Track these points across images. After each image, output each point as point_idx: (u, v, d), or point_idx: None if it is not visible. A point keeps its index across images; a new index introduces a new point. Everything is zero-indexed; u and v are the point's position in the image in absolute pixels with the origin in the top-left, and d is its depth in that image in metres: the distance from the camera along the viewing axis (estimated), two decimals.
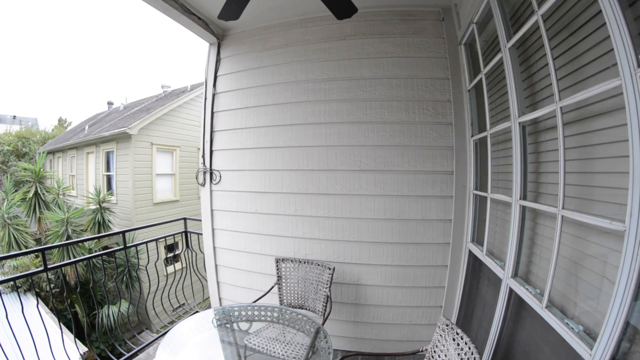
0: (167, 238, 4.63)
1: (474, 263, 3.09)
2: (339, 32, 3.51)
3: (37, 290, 8.11)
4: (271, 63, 3.74)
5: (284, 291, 3.52)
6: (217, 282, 4.19)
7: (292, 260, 3.50)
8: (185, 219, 5.12)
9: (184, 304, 5.29)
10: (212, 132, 4.05)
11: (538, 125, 2.17)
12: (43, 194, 11.41)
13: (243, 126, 3.84)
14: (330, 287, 3.26)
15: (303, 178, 3.55)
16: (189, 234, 5.07)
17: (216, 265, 4.16)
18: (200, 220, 4.31)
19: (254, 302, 3.30)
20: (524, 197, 2.18)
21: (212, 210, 4.09)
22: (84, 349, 6.18)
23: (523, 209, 2.20)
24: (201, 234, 4.32)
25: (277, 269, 3.52)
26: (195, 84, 15.17)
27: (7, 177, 12.41)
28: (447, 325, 2.09)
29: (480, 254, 2.82)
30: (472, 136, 3.12)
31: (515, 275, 2.24)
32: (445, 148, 3.23)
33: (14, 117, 38.85)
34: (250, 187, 3.81)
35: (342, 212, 3.43)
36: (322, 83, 3.51)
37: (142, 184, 11.98)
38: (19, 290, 4.80)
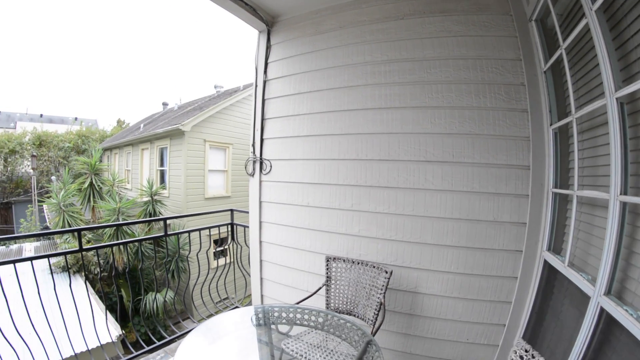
0: (213, 229, 4.59)
1: (549, 276, 2.61)
2: (395, 12, 3.18)
3: (86, 272, 8.57)
4: (325, 46, 3.48)
5: (332, 294, 3.24)
6: (261, 279, 3.99)
7: (344, 260, 3.20)
8: (232, 210, 5.03)
9: (226, 298, 5.24)
10: (263, 119, 3.87)
11: (637, 103, 1.71)
12: (98, 185, 12.09)
13: (296, 113, 3.60)
14: (385, 293, 2.93)
15: (361, 169, 3.22)
16: (235, 226, 4.97)
17: (261, 261, 3.96)
18: (247, 212, 4.15)
19: (298, 303, 3.08)
20: (624, 191, 1.71)
21: (260, 202, 3.90)
22: (119, 331, 6.45)
23: (623, 207, 1.72)
24: (248, 227, 4.16)
25: (327, 269, 3.25)
26: (248, 84, 15.43)
27: (65, 169, 13.11)
28: (526, 352, 1.72)
29: (560, 265, 2.32)
30: (550, 125, 2.64)
31: (608, 292, 1.76)
32: (521, 138, 2.77)
33: (76, 118, 41.49)
34: (303, 177, 3.56)
35: (403, 208, 3.06)
36: (381, 65, 3.18)
37: (194, 179, 12.43)
38: (69, 270, 4.87)
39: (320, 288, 3.20)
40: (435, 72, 2.98)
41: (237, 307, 4.82)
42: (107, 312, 6.34)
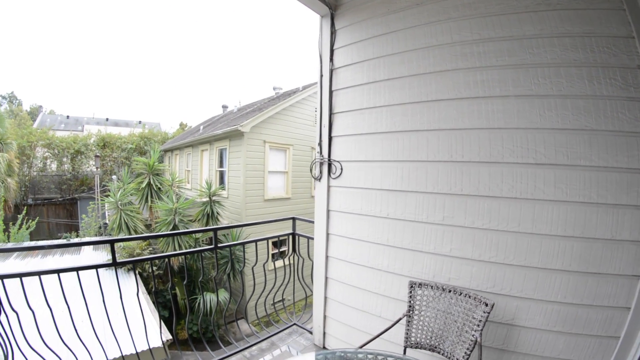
0: (271, 239, 4.20)
1: None
2: None
3: (139, 270, 9.18)
4: (401, 26, 2.99)
5: (414, 326, 2.73)
6: (325, 298, 3.60)
7: (432, 287, 2.69)
8: (294, 218, 4.69)
9: (282, 300, 5.00)
10: (331, 114, 3.45)
11: None
12: (156, 185, 12.35)
13: (371, 105, 3.14)
14: (482, 329, 2.39)
15: (456, 173, 2.69)
16: (297, 236, 4.61)
17: (326, 278, 3.57)
18: (311, 222, 3.79)
19: (376, 336, 2.60)
20: None
21: (328, 211, 3.50)
22: (167, 336, 6.38)
23: None
24: (312, 238, 3.81)
25: (411, 297, 2.75)
26: (307, 84, 15.65)
27: (125, 169, 13.98)
28: None
29: None
30: None
31: None
32: None
33: (139, 121, 43.80)
34: (381, 183, 3.07)
35: (507, 223, 2.50)
36: (472, 45, 2.65)
37: (253, 180, 12.62)
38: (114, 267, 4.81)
39: (400, 319, 2.73)
40: (539, 52, 2.43)
41: (294, 324, 4.50)
42: (157, 313, 6.46)
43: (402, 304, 2.88)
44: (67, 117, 44.82)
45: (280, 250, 12.71)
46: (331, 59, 3.42)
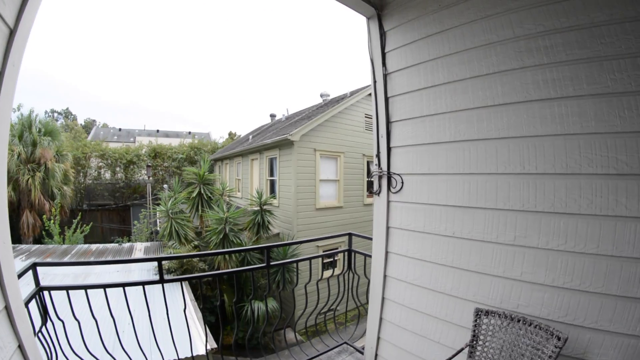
0: (325, 256, 4.04)
1: None
2: None
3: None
4: (456, 23, 2.75)
5: (477, 357, 2.52)
6: (380, 319, 3.40)
7: (499, 316, 2.46)
8: (350, 234, 4.51)
9: (332, 310, 4.76)
10: (388, 123, 3.25)
11: None
12: (206, 194, 12.65)
13: (432, 112, 2.92)
14: None
15: (529, 187, 2.42)
16: (353, 253, 4.42)
17: (383, 298, 3.38)
18: (369, 239, 3.61)
19: None
20: None
21: (387, 228, 3.30)
22: (212, 345, 6.39)
23: None
24: (369, 256, 3.63)
25: (475, 325, 2.54)
26: (354, 89, 15.60)
27: (175, 178, 14.48)
28: None
29: None
30: None
31: None
32: None
33: (189, 132, 47.32)
34: (446, 198, 2.85)
35: (585, 244, 2.20)
36: (538, 39, 2.37)
37: (304, 189, 12.65)
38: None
39: (462, 349, 2.54)
40: (611, 42, 2.12)
41: (345, 342, 4.34)
42: (203, 320, 6.73)
43: (464, 331, 2.67)
44: (120, 129, 48.30)
45: (330, 260, 12.70)
46: (384, 63, 3.25)
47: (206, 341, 4.57)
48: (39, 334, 2.88)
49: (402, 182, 3.15)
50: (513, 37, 2.46)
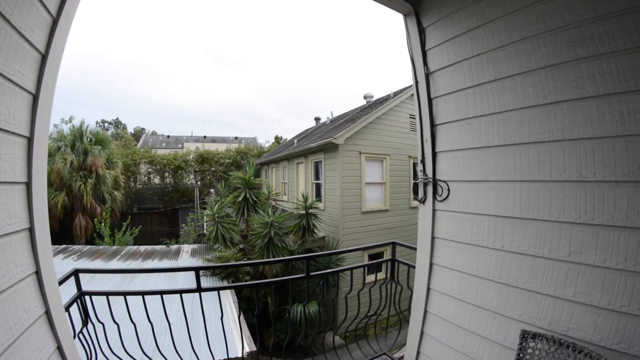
0: (368, 266, 3.95)
1: None
2: None
3: (233, 279, 9.96)
4: (499, 13, 2.49)
5: None
6: (421, 332, 3.23)
7: (547, 340, 2.20)
8: (394, 243, 4.34)
9: (375, 314, 4.62)
10: (432, 126, 3.06)
11: None
12: (252, 199, 12.88)
13: (479, 113, 2.69)
14: None
15: (587, 196, 2.12)
16: (397, 263, 4.29)
17: (425, 312, 3.20)
18: (413, 249, 3.45)
19: None
20: None
21: (433, 238, 3.11)
22: (252, 348, 6.50)
23: None
24: (413, 267, 3.47)
25: (521, 349, 2.30)
26: (397, 90, 15.55)
27: (222, 183, 14.82)
28: None
29: None
30: None
31: None
32: None
33: (236, 137, 49.29)
34: (495, 208, 2.61)
35: None
36: (591, 26, 2.06)
37: (350, 192, 12.66)
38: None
39: None
40: None
41: (384, 353, 4.21)
42: (245, 324, 6.90)
43: (508, 352, 2.46)
44: (168, 136, 51.00)
45: (374, 262, 12.56)
46: (425, 62, 3.05)
47: (243, 345, 4.62)
48: (79, 335, 3.14)
49: (449, 190, 2.96)
50: (562, 26, 2.18)
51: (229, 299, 8.32)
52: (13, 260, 1.88)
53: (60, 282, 2.65)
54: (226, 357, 4.28)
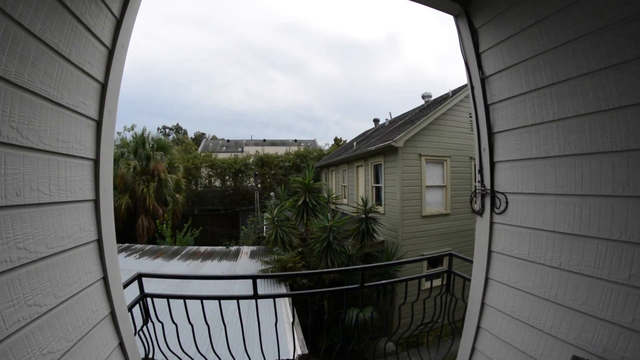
0: (424, 279, 3.95)
1: None
2: None
3: (290, 282, 10.15)
4: (552, 9, 2.29)
5: None
6: (472, 348, 3.13)
7: None
8: (451, 255, 4.28)
9: (430, 322, 4.52)
10: (490, 134, 2.94)
11: None
12: (312, 202, 13.30)
13: (537, 120, 2.53)
14: None
15: None
16: (453, 275, 4.18)
17: (478, 327, 3.09)
18: (469, 262, 3.37)
19: None
20: None
21: (489, 252, 2.99)
22: (304, 350, 6.60)
23: None
24: (468, 279, 3.40)
25: None
26: (456, 89, 15.28)
27: (281, 187, 15.62)
28: None
29: None
30: None
31: None
32: None
33: (295, 140, 51.09)
34: (554, 223, 2.44)
35: None
36: None
37: (410, 196, 12.58)
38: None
39: None
40: None
41: None
42: (299, 327, 7.14)
43: None
44: (228, 140, 53.23)
45: (432, 271, 12.29)
46: (479, 66, 2.93)
47: (295, 347, 4.73)
48: (140, 333, 3.57)
49: (507, 202, 2.82)
50: (622, 19, 1.96)
51: (284, 302, 8.43)
52: (83, 268, 2.12)
53: (125, 286, 2.96)
54: (277, 359, 4.34)
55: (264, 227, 17.44)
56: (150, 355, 3.76)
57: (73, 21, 1.89)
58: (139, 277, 3.54)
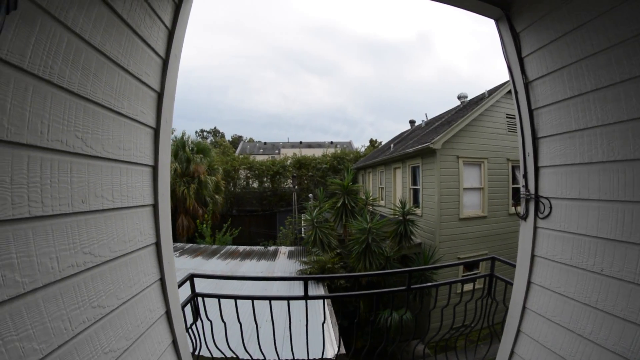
0: (465, 282, 3.95)
1: None
2: None
3: (328, 283, 10.40)
4: (594, 14, 2.24)
5: None
6: (511, 352, 3.09)
7: None
8: (494, 259, 4.26)
9: (465, 327, 4.60)
10: (534, 139, 2.91)
11: None
12: (350, 204, 13.34)
13: (581, 126, 2.50)
14: None
15: None
16: (495, 279, 4.17)
17: (518, 331, 3.06)
18: (512, 265, 3.36)
19: None
20: None
21: (533, 256, 2.95)
22: (341, 350, 6.71)
23: None
24: (510, 283, 3.37)
25: None
26: (492, 88, 14.95)
27: (320, 189, 15.57)
28: None
29: None
30: None
31: None
32: None
33: (331, 142, 51.64)
34: (597, 229, 2.41)
35: None
36: None
37: (448, 199, 12.58)
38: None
39: None
40: None
41: None
42: (337, 327, 7.08)
43: None
44: (265, 143, 54.64)
45: (470, 273, 12.42)
46: (522, 71, 2.91)
47: (333, 347, 4.87)
48: (189, 330, 3.65)
49: (550, 207, 2.80)
50: None
51: (324, 301, 8.35)
52: (143, 270, 2.25)
53: (179, 286, 3.07)
54: (314, 358, 4.57)
55: (302, 228, 17.60)
56: (196, 352, 3.90)
57: (129, 33, 1.99)
58: (191, 277, 3.69)
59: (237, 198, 28.46)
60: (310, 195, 24.35)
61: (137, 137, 2.18)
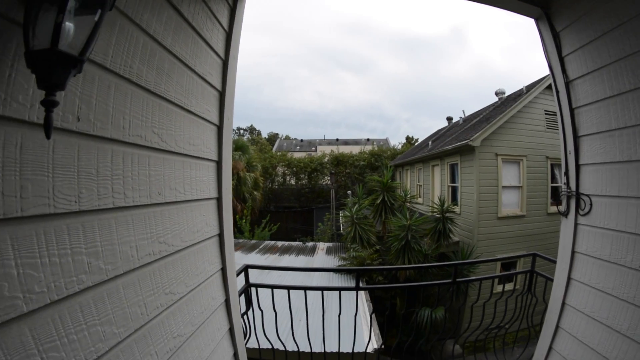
0: (499, 277, 3.95)
1: None
2: None
3: (366, 278, 10.56)
4: (633, 12, 2.23)
5: None
6: (549, 348, 3.11)
7: None
8: (535, 255, 4.24)
9: (501, 329, 4.53)
10: (575, 137, 2.92)
11: None
12: (390, 201, 13.35)
13: (620, 125, 2.51)
14: None
15: None
16: (535, 275, 4.15)
17: (557, 327, 3.07)
18: (552, 262, 3.35)
19: None
20: None
21: (573, 252, 2.97)
22: (378, 344, 6.71)
23: None
24: (551, 280, 3.40)
25: None
26: (530, 84, 14.49)
27: (359, 186, 15.76)
28: None
29: None
30: None
31: None
32: None
33: (367, 139, 51.18)
34: (635, 226, 2.41)
35: None
36: None
37: (486, 197, 12.36)
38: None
39: None
40: None
41: None
42: (375, 322, 7.10)
43: None
44: (301, 140, 54.79)
45: (507, 273, 12.05)
46: (563, 70, 2.91)
47: (370, 341, 5.03)
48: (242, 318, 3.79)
49: (591, 204, 2.81)
50: None
51: (362, 297, 8.52)
52: (208, 259, 2.42)
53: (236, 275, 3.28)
54: (351, 351, 4.65)
55: (341, 225, 17.63)
56: (246, 341, 4.02)
57: (194, 35, 2.13)
58: (245, 268, 3.86)
59: (275, 194, 28.66)
60: (349, 192, 24.22)
61: (204, 133, 2.34)
